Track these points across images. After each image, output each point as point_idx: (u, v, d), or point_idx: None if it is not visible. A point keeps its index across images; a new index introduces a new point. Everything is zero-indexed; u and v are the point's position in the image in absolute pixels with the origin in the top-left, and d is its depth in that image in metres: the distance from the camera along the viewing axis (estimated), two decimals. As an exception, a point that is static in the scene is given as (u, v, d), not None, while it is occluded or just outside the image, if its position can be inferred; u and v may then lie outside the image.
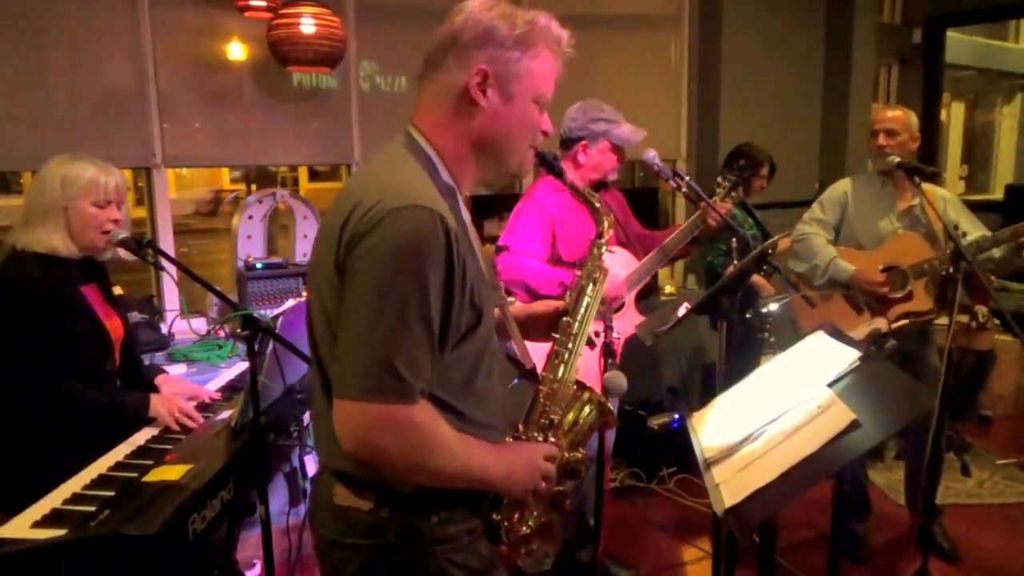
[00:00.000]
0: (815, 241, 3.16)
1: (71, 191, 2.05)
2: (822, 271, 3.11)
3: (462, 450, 1.22)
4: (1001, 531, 3.43)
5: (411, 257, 1.13)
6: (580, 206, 2.80)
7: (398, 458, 1.17)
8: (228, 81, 3.72)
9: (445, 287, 1.16)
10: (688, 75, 4.99)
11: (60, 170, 2.06)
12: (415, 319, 1.13)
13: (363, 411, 1.13)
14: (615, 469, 3.96)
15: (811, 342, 2.00)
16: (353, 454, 1.16)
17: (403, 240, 1.13)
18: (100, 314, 2.15)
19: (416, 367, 1.15)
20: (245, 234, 3.68)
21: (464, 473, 1.24)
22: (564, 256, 2.73)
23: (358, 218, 1.15)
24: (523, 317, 1.59)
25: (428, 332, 1.15)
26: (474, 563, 1.30)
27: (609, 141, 2.80)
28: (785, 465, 1.45)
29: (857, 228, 3.14)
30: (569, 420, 1.45)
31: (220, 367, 3.01)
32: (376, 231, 1.13)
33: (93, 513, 1.62)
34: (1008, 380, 4.85)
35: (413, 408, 1.15)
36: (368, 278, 1.13)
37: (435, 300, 1.15)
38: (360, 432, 1.15)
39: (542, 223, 2.72)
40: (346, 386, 1.15)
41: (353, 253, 1.15)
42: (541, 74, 1.31)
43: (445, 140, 1.31)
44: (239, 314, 1.90)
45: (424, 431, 1.17)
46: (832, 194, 3.23)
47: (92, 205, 2.07)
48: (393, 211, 1.13)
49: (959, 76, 8.44)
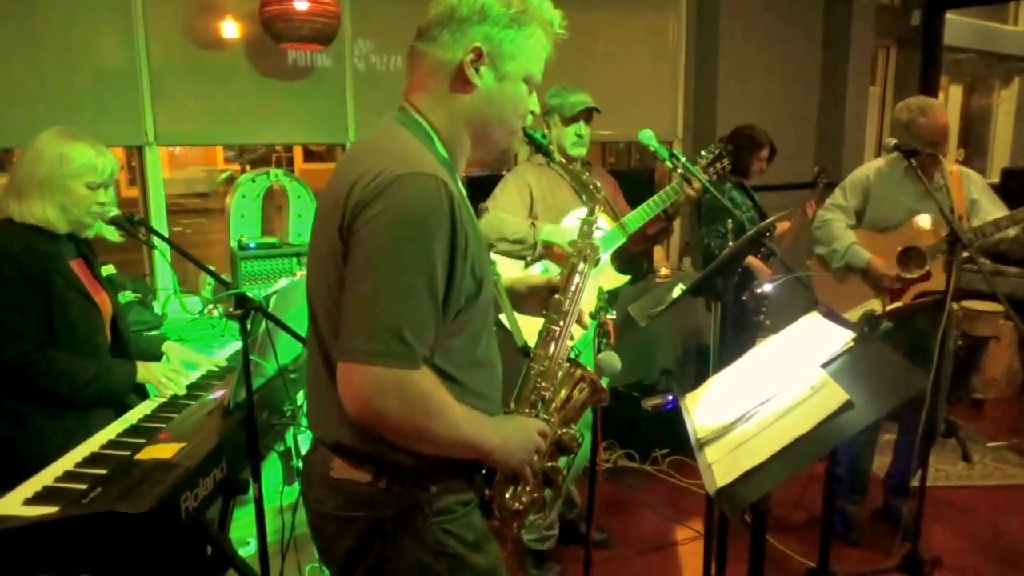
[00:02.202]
0: (835, 226, 3.18)
1: (67, 170, 2.02)
2: (840, 256, 3.14)
3: (462, 417, 1.23)
4: (992, 512, 3.45)
5: (417, 223, 1.14)
6: (560, 177, 2.85)
7: (401, 422, 1.18)
8: (221, 59, 3.68)
9: (449, 254, 1.17)
10: (685, 56, 4.96)
11: (59, 147, 2.03)
12: (421, 285, 1.14)
13: (368, 374, 1.14)
14: (608, 450, 3.98)
15: (805, 323, 2.00)
16: (357, 417, 1.17)
17: (409, 206, 1.14)
18: (89, 289, 2.14)
19: (421, 332, 1.16)
20: (239, 213, 3.65)
21: (463, 440, 1.24)
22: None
23: (364, 185, 1.16)
24: (522, 288, 1.59)
25: (433, 298, 1.16)
26: (468, 535, 1.31)
27: (560, 115, 2.82)
28: (778, 445, 1.45)
29: (880, 210, 3.14)
30: (561, 397, 1.46)
31: (214, 346, 3.00)
32: (382, 197, 1.14)
33: (85, 491, 1.61)
34: (1000, 363, 4.87)
35: (417, 373, 1.16)
36: (374, 243, 1.14)
37: (440, 266, 1.16)
38: (364, 395, 1.15)
39: (519, 188, 2.82)
40: (351, 350, 1.15)
41: (359, 219, 1.16)
42: (533, 55, 1.32)
43: (439, 117, 1.31)
44: (232, 293, 1.89)
45: (427, 396, 1.18)
46: (854, 179, 3.23)
47: (85, 187, 2.05)
48: (399, 178, 1.14)
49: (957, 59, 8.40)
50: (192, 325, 3.25)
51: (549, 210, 2.79)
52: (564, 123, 2.80)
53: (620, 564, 3.07)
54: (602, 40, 4.61)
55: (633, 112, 4.68)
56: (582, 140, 2.81)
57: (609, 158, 7.07)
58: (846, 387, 1.50)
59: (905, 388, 1.54)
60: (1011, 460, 4.02)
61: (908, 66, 6.16)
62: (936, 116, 2.98)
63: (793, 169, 4.71)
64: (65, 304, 2.04)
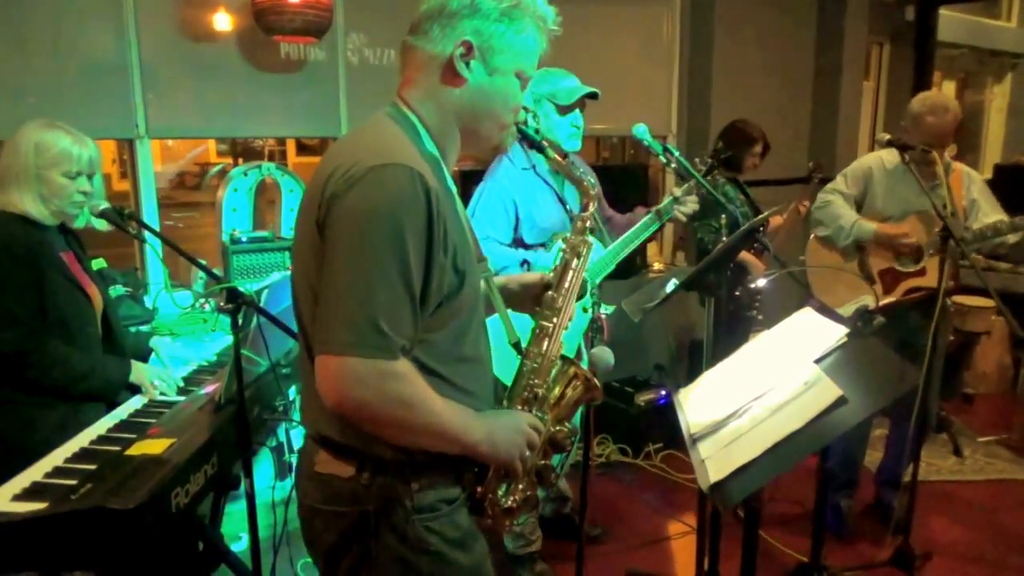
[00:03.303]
0: (837, 205, 3.17)
1: (43, 159, 2.01)
2: (846, 233, 3.12)
3: (444, 409, 1.23)
4: (982, 506, 3.47)
5: (390, 214, 1.13)
6: (544, 186, 2.66)
7: (379, 413, 1.18)
8: (213, 51, 3.65)
9: (426, 245, 1.17)
10: (680, 50, 4.95)
11: (35, 136, 2.03)
12: (395, 276, 1.14)
13: (345, 365, 1.14)
14: (601, 445, 3.98)
15: (798, 319, 2.00)
16: (335, 409, 1.17)
17: (381, 197, 1.14)
18: (80, 281, 2.12)
19: (397, 323, 1.15)
20: (231, 207, 3.63)
21: (444, 432, 1.24)
22: (527, 240, 2.62)
23: (338, 177, 1.16)
24: (513, 286, 1.58)
25: (408, 289, 1.16)
26: (452, 533, 1.30)
27: (555, 103, 2.57)
28: (771, 441, 1.45)
29: (880, 202, 3.14)
30: (555, 394, 1.45)
31: (205, 341, 2.99)
32: (355, 189, 1.14)
33: (74, 487, 1.60)
34: (991, 359, 4.89)
35: (395, 363, 1.16)
36: (347, 235, 1.14)
37: (415, 257, 1.15)
38: (342, 386, 1.15)
39: (504, 206, 2.58)
40: (328, 341, 1.15)
41: (332, 211, 1.16)
42: (525, 50, 1.32)
43: (429, 111, 1.31)
44: (222, 287, 1.88)
45: (405, 386, 1.18)
46: (857, 168, 3.22)
47: (63, 176, 2.03)
48: (371, 169, 1.14)
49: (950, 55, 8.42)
50: (183, 319, 3.23)
51: (534, 229, 2.61)
52: (560, 112, 2.56)
53: (613, 559, 3.07)
54: (596, 34, 4.59)
55: (627, 106, 4.66)
56: (579, 131, 2.60)
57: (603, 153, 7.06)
58: (839, 383, 1.50)
59: (898, 384, 1.54)
60: (1002, 455, 4.04)
61: (902, 62, 6.17)
62: (946, 120, 2.96)
63: (787, 164, 4.71)
64: (57, 293, 2.03)
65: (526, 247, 2.64)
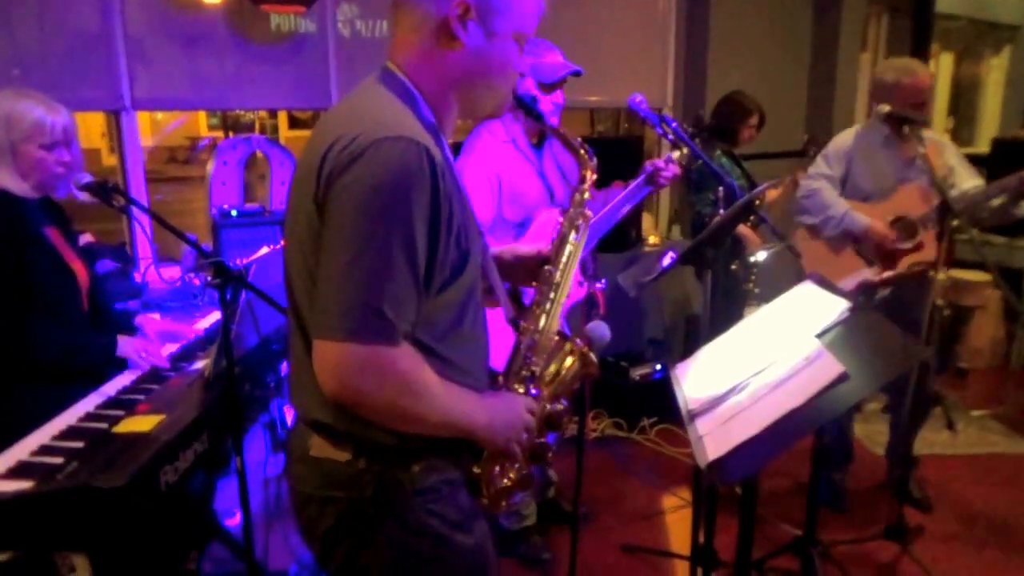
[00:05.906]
0: (826, 194, 3.08)
1: (16, 133, 1.95)
2: (835, 223, 3.03)
3: (445, 396, 1.18)
4: (974, 480, 3.48)
5: (394, 191, 1.06)
6: (525, 160, 2.56)
7: (380, 401, 1.13)
8: (201, 21, 3.58)
9: (431, 224, 1.10)
10: (676, 22, 4.87)
11: (4, 107, 1.96)
12: (399, 257, 1.07)
13: (345, 352, 1.08)
14: (596, 419, 3.97)
15: (799, 292, 1.97)
16: (334, 397, 1.12)
17: (385, 173, 1.06)
18: (65, 257, 2.07)
19: (401, 307, 1.09)
20: (220, 180, 3.57)
21: (446, 420, 1.20)
22: (507, 216, 2.53)
23: (337, 151, 1.09)
24: (507, 257, 1.54)
25: (413, 271, 1.09)
26: (452, 514, 1.27)
27: (537, 79, 2.44)
28: (771, 418, 1.42)
29: (863, 179, 3.07)
30: (551, 371, 1.42)
31: (195, 316, 2.95)
32: (356, 164, 1.07)
33: (61, 465, 1.57)
34: (985, 333, 4.89)
35: (396, 350, 1.11)
36: (349, 214, 1.07)
37: (420, 237, 1.09)
38: (342, 374, 1.10)
39: (488, 182, 2.47)
40: (327, 326, 1.09)
41: (332, 189, 1.09)
42: (526, 10, 1.24)
43: (424, 77, 1.23)
44: (210, 261, 1.84)
45: (408, 374, 1.13)
46: (836, 147, 3.15)
47: (39, 148, 1.98)
48: (374, 142, 1.07)
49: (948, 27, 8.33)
50: (172, 295, 3.19)
51: (515, 202, 2.51)
52: (543, 90, 2.44)
53: (607, 534, 3.06)
54: (591, 4, 4.51)
55: (623, 78, 4.60)
56: (558, 108, 2.50)
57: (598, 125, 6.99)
58: (841, 358, 1.47)
59: (902, 360, 1.51)
60: (994, 429, 4.05)
61: (899, 33, 6.09)
62: (921, 77, 2.92)
63: (783, 137, 4.65)
64: (39, 269, 1.98)
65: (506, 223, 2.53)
